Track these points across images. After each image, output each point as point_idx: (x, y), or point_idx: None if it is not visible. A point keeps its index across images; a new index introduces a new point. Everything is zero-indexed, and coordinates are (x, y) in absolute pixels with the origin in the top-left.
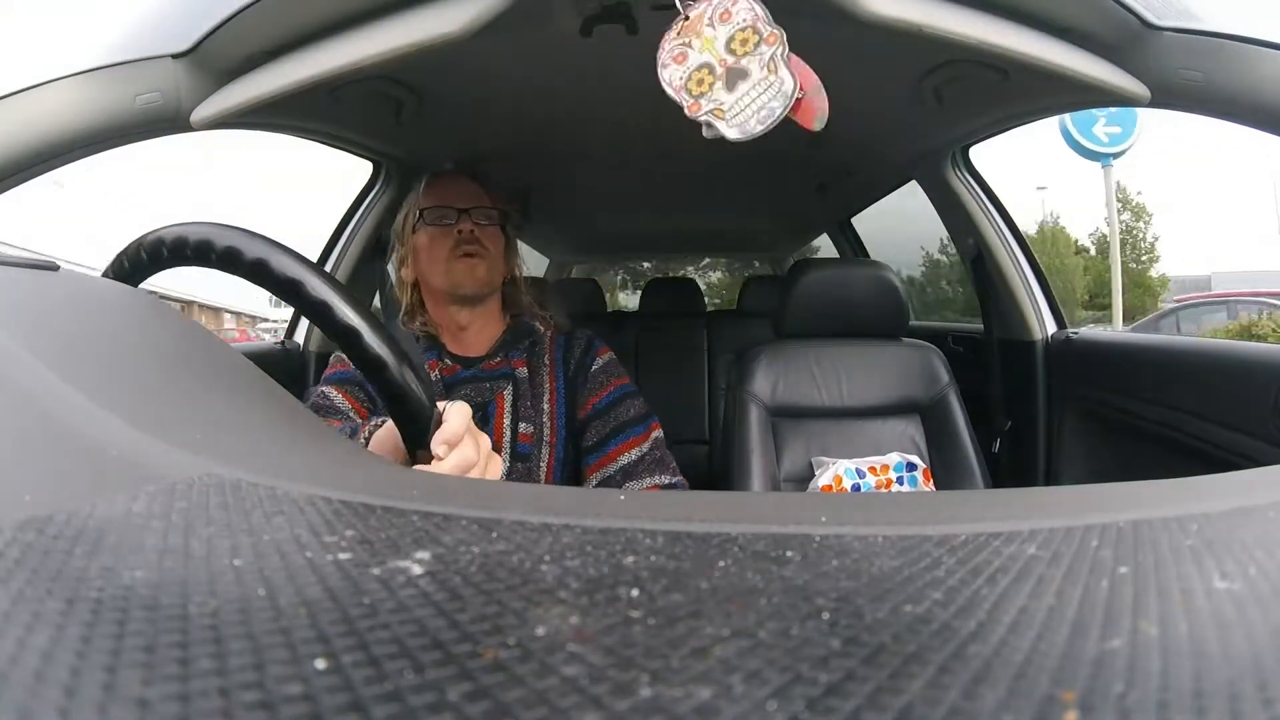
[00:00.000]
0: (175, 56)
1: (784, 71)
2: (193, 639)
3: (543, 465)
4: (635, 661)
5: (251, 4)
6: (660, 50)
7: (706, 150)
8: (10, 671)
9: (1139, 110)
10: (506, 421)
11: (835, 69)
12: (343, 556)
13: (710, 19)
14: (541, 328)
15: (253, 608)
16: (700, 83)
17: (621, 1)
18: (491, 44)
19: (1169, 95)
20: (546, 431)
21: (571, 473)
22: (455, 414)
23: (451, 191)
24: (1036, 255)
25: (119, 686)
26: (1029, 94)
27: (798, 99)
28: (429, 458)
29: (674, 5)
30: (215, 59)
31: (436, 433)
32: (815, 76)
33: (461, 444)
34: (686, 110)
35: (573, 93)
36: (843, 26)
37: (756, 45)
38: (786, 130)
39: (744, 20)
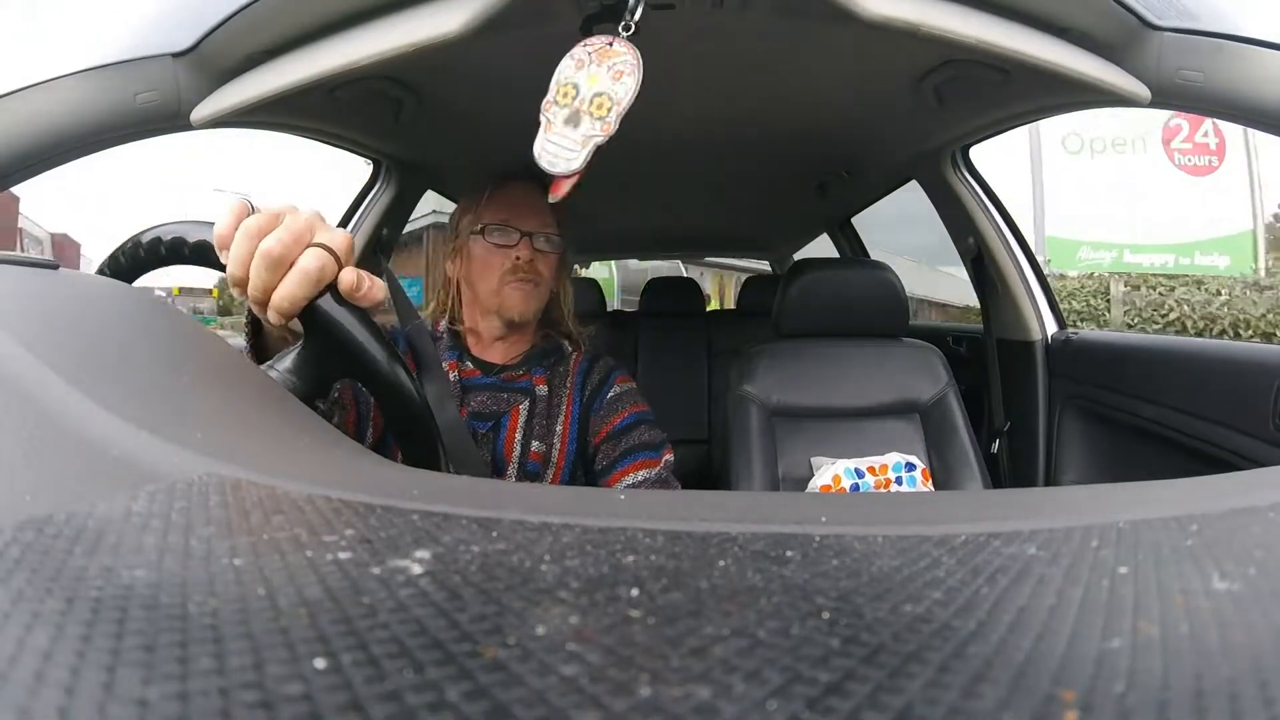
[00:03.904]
0: (175, 55)
1: (584, 155)
2: (192, 639)
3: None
4: (635, 661)
5: (251, 4)
6: (576, 46)
7: (706, 150)
8: (10, 671)
9: None
10: (518, 437)
11: (835, 69)
12: (342, 556)
13: (613, 65)
14: (569, 347)
15: (252, 607)
16: (565, 95)
17: (621, 1)
18: (491, 44)
19: (1169, 95)
20: (556, 453)
21: None
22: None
23: (519, 207)
24: None
25: (119, 686)
26: (1029, 94)
27: (564, 176)
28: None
29: (674, 5)
30: (215, 58)
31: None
32: (580, 175)
33: (236, 238)
34: (543, 103)
35: None
36: (843, 26)
37: (599, 119)
38: (786, 130)
39: (617, 94)
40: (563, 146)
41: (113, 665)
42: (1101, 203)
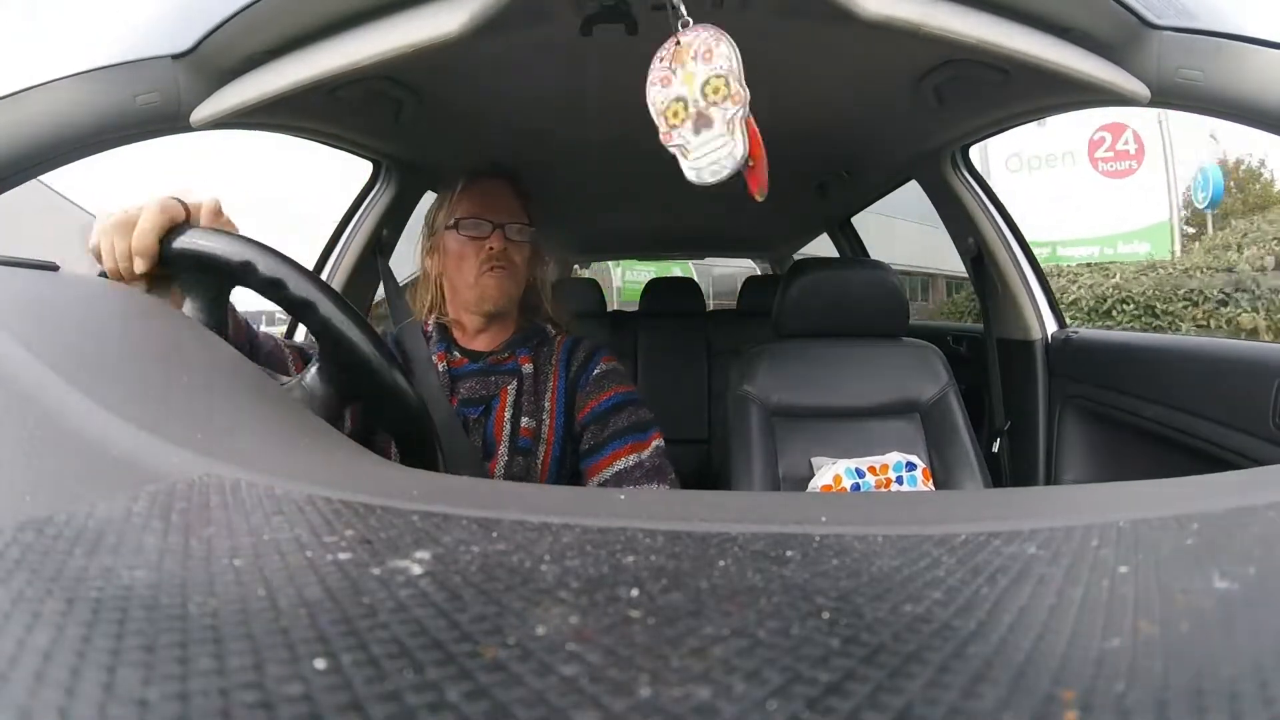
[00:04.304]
0: (175, 57)
1: (739, 135)
2: (192, 639)
3: (539, 463)
4: (635, 661)
5: (251, 4)
6: (651, 69)
7: None
8: (10, 671)
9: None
10: (508, 415)
11: (835, 69)
12: (343, 556)
13: (696, 53)
14: (553, 331)
15: (252, 608)
16: (675, 115)
17: (621, 1)
18: (491, 44)
19: (1169, 95)
20: (545, 429)
21: (568, 474)
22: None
23: (489, 200)
24: None
25: (119, 686)
26: (1029, 93)
27: (750, 166)
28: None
29: (674, 5)
30: (215, 59)
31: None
32: (763, 148)
33: (98, 237)
34: (661, 137)
35: (572, 92)
36: (843, 26)
37: (724, 98)
38: (786, 130)
39: (721, 68)
40: (714, 149)
41: (113, 665)
42: (1039, 212)
